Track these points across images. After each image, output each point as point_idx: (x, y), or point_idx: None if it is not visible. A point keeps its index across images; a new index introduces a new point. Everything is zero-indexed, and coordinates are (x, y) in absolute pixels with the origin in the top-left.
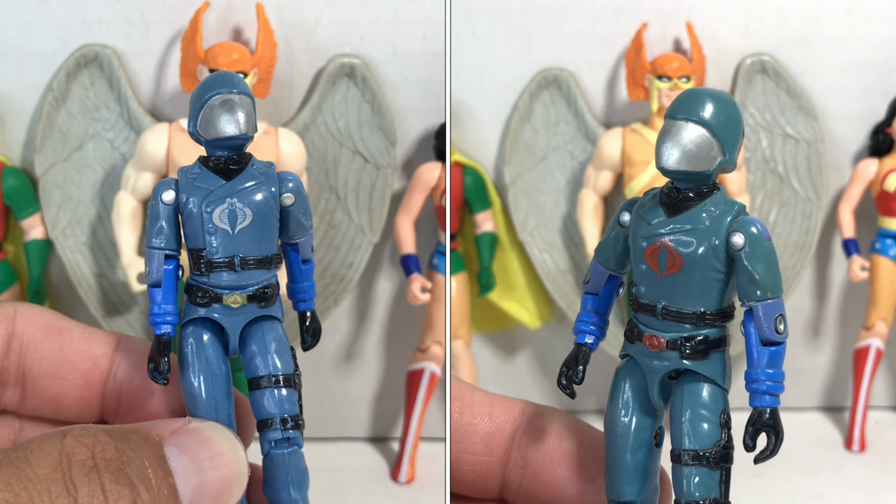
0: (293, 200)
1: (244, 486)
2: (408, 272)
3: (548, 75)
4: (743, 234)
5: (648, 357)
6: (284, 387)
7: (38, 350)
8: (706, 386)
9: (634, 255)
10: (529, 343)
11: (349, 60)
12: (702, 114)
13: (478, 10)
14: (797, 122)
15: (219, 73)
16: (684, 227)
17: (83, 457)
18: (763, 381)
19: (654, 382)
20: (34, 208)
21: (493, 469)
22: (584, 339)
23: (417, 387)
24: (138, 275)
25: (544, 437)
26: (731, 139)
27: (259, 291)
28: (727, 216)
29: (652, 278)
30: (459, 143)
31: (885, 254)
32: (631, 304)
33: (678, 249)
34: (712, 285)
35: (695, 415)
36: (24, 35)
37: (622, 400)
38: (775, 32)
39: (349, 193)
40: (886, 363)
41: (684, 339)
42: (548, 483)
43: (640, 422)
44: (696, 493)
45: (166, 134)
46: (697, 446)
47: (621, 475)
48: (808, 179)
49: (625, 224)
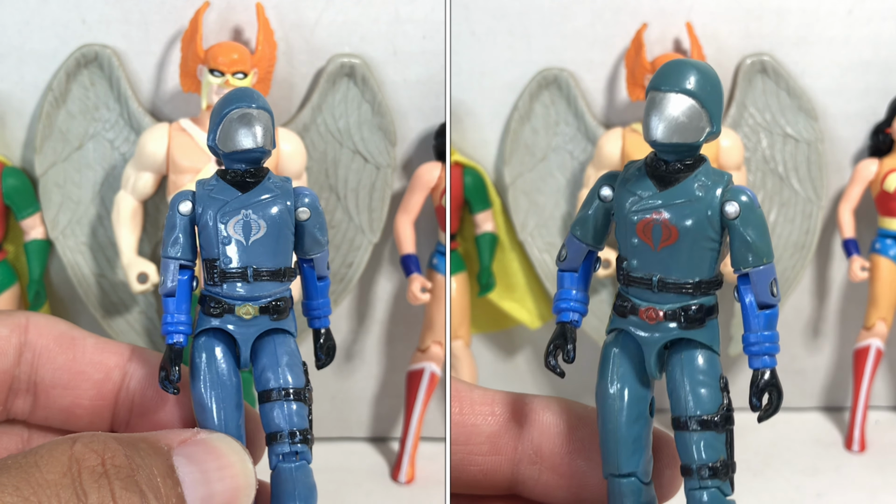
0: (308, 215)
1: (251, 498)
2: (408, 272)
3: (548, 75)
4: (737, 203)
5: (645, 329)
6: (294, 401)
7: (50, 360)
8: (704, 352)
9: (624, 229)
10: (529, 343)
11: (349, 60)
12: (689, 85)
13: (478, 10)
14: (797, 122)
15: (239, 89)
16: (678, 200)
17: (93, 463)
18: (763, 343)
19: (651, 354)
20: (34, 208)
21: (502, 467)
22: (568, 318)
23: (417, 387)
24: (138, 275)
25: (556, 430)
26: (717, 109)
27: (271, 304)
28: (718, 186)
29: (645, 252)
30: (459, 143)
31: (885, 254)
32: (620, 279)
33: (674, 222)
34: (706, 254)
35: (697, 382)
36: (24, 35)
37: (616, 373)
38: (775, 32)
39: (349, 193)
40: (886, 363)
41: (682, 309)
42: (569, 474)
43: (637, 393)
44: (707, 456)
45: (166, 134)
46: (702, 412)
47: (621, 448)
48: (808, 179)
49: (606, 198)
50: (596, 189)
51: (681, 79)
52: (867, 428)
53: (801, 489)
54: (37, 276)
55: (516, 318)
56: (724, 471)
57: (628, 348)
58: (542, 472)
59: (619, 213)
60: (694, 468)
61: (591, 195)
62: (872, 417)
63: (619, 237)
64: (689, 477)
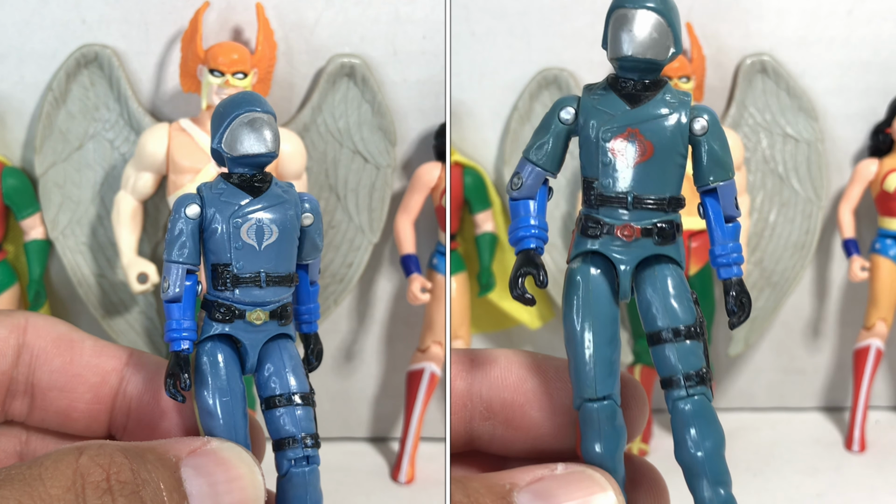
0: (312, 221)
1: None
2: (408, 272)
3: (548, 75)
4: (703, 119)
5: (621, 248)
6: (302, 405)
7: (48, 362)
8: (674, 268)
9: (594, 149)
10: (529, 343)
11: (349, 60)
12: (656, 3)
13: (478, 10)
14: (797, 122)
15: (243, 92)
16: (651, 116)
17: (98, 478)
18: (731, 254)
19: (628, 273)
20: (34, 208)
21: (454, 425)
22: (530, 244)
23: (417, 387)
24: (138, 275)
25: (504, 383)
26: (678, 30)
27: (280, 309)
28: (685, 104)
29: (619, 169)
30: (459, 143)
31: (885, 254)
32: (587, 201)
33: (649, 137)
34: (677, 171)
35: (672, 295)
36: (24, 35)
37: (589, 296)
38: (775, 32)
39: (349, 193)
40: (886, 363)
41: (656, 226)
42: (524, 427)
43: (610, 314)
44: (691, 364)
45: (166, 134)
46: (682, 322)
47: (599, 369)
48: (808, 179)
49: (567, 121)
50: (554, 112)
51: None
52: (867, 428)
53: (801, 489)
54: (37, 276)
55: (516, 318)
56: (708, 378)
57: (597, 270)
58: (495, 426)
59: (586, 132)
60: (680, 377)
61: (547, 119)
62: (872, 417)
63: (585, 158)
64: (673, 388)
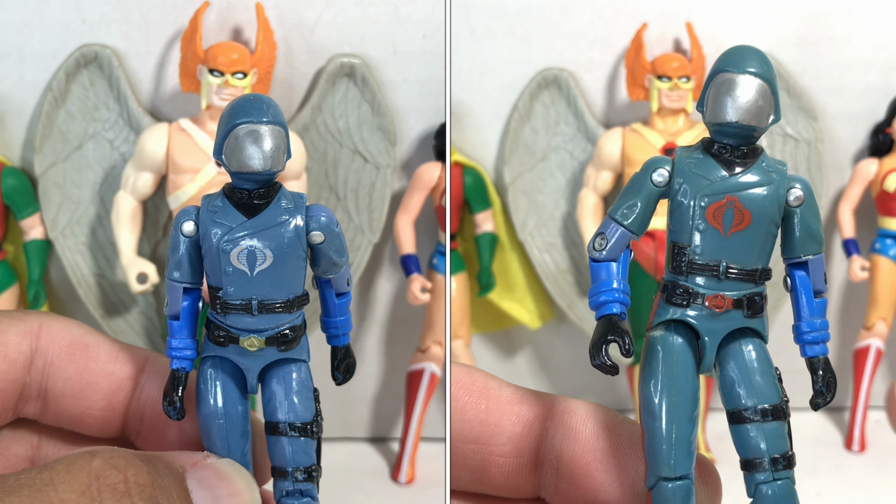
0: (322, 239)
1: None
2: (408, 272)
3: (548, 75)
4: (801, 190)
5: (710, 319)
6: (300, 436)
7: (61, 369)
8: (759, 343)
9: (689, 214)
10: (529, 343)
11: (349, 60)
12: (763, 69)
13: (478, 10)
14: (797, 122)
15: (249, 96)
16: (751, 184)
17: (114, 480)
18: (820, 330)
19: (714, 345)
20: (34, 208)
21: (524, 470)
22: (613, 310)
23: (417, 387)
24: (138, 275)
25: (578, 436)
26: (779, 96)
27: (279, 335)
28: (782, 173)
29: (714, 237)
30: (459, 143)
31: (885, 254)
32: (677, 268)
33: (747, 206)
34: (769, 241)
35: (758, 372)
36: (24, 35)
37: (672, 368)
38: (775, 32)
39: (349, 193)
40: (886, 363)
41: (747, 298)
42: (586, 487)
43: (692, 388)
44: (776, 448)
45: (166, 134)
46: (768, 402)
47: (679, 448)
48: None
49: (660, 184)
50: (646, 173)
51: (754, 62)
52: (867, 428)
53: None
54: (36, 276)
55: (516, 318)
56: (794, 461)
57: (680, 341)
58: (560, 479)
59: (680, 197)
60: (765, 459)
61: (639, 179)
62: (872, 417)
63: (676, 223)
64: (757, 470)
